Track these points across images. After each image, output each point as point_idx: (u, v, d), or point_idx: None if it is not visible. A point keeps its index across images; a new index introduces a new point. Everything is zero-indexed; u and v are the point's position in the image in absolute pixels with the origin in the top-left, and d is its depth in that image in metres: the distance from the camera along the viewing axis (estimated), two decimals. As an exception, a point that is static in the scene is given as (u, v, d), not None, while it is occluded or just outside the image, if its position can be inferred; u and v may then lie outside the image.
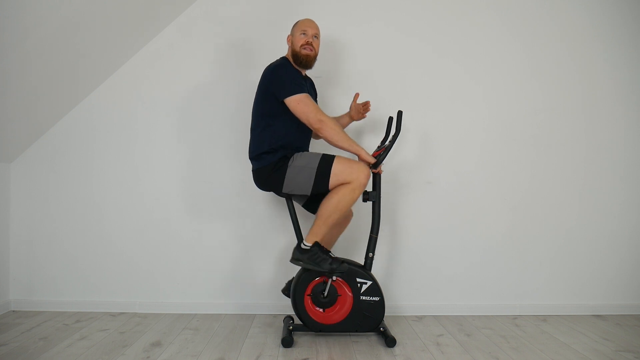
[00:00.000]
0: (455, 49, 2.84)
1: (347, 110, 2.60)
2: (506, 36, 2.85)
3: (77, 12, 2.24)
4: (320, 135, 2.21)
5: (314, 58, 2.33)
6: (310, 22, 2.34)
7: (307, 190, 2.20)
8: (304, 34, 2.30)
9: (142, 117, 2.80)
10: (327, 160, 2.18)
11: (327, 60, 2.75)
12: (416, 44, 2.84)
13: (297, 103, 2.17)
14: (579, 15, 2.87)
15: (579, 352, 2.19)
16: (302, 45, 2.28)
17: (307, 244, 2.20)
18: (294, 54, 2.31)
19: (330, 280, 2.28)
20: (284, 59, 2.34)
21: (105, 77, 2.78)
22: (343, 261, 2.21)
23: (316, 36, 2.34)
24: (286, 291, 2.42)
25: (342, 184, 2.15)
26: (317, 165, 2.17)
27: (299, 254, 2.21)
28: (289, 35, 2.36)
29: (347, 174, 2.14)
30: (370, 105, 2.51)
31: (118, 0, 2.39)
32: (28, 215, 2.79)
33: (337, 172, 2.15)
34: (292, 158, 2.22)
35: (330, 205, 2.14)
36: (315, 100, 2.50)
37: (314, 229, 2.19)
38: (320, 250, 2.18)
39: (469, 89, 2.85)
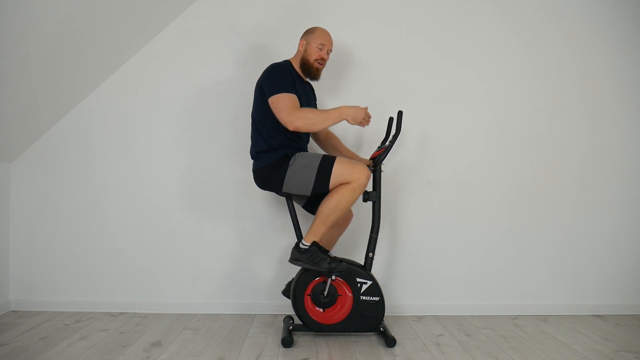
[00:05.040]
0: (456, 49, 2.84)
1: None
2: (507, 36, 2.85)
3: (77, 12, 2.24)
4: (302, 132, 2.22)
5: (321, 71, 2.37)
6: (328, 37, 2.35)
7: (307, 190, 2.20)
8: (320, 48, 2.31)
9: (142, 117, 2.80)
10: (328, 161, 2.17)
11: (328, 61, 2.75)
12: (416, 44, 2.84)
13: (272, 103, 2.18)
14: (580, 16, 2.87)
15: (579, 352, 2.19)
16: (316, 59, 2.31)
17: (306, 243, 2.19)
18: (305, 62, 2.32)
19: (329, 280, 2.28)
20: (286, 61, 2.34)
21: (105, 77, 2.78)
22: (342, 260, 2.21)
23: (329, 51, 2.36)
24: (286, 292, 2.42)
25: (342, 184, 2.16)
26: (318, 165, 2.16)
27: (297, 254, 2.21)
28: (302, 39, 2.33)
29: (348, 175, 2.13)
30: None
31: (118, 0, 2.39)
32: (28, 215, 2.79)
33: (338, 173, 2.14)
34: (293, 157, 2.22)
35: (330, 205, 2.14)
36: (315, 106, 2.50)
37: (312, 228, 2.19)
38: (318, 249, 2.18)
39: (469, 89, 2.84)
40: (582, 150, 2.86)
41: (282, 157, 2.22)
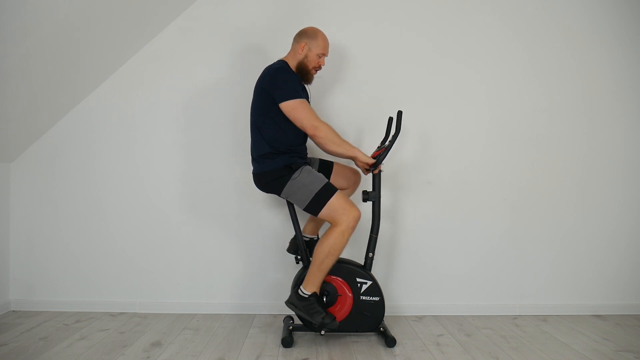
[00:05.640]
0: (456, 49, 2.84)
1: (346, 110, 2.59)
2: (507, 36, 2.85)
3: (77, 12, 2.24)
4: (315, 141, 2.21)
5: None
6: (328, 44, 2.36)
7: (301, 206, 2.22)
8: (320, 56, 2.33)
9: (142, 117, 2.80)
10: (328, 190, 2.18)
11: (328, 60, 2.74)
12: (417, 44, 2.83)
13: (291, 109, 2.17)
14: (580, 16, 2.87)
15: (579, 352, 2.19)
16: (314, 67, 2.33)
17: (306, 292, 2.18)
18: (303, 67, 2.31)
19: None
20: (283, 62, 2.32)
21: (105, 77, 2.78)
22: (335, 318, 2.19)
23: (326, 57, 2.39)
24: (290, 250, 2.49)
25: (331, 226, 2.16)
26: (317, 190, 2.17)
27: (295, 300, 2.20)
28: (303, 42, 2.30)
29: (340, 213, 2.14)
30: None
31: (118, 0, 2.39)
32: (28, 215, 2.79)
33: (332, 206, 2.15)
34: (298, 170, 2.21)
35: (324, 251, 2.15)
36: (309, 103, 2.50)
37: (310, 277, 2.19)
38: (317, 301, 2.18)
39: (469, 89, 2.84)
40: (582, 150, 2.86)
41: (286, 166, 2.21)
